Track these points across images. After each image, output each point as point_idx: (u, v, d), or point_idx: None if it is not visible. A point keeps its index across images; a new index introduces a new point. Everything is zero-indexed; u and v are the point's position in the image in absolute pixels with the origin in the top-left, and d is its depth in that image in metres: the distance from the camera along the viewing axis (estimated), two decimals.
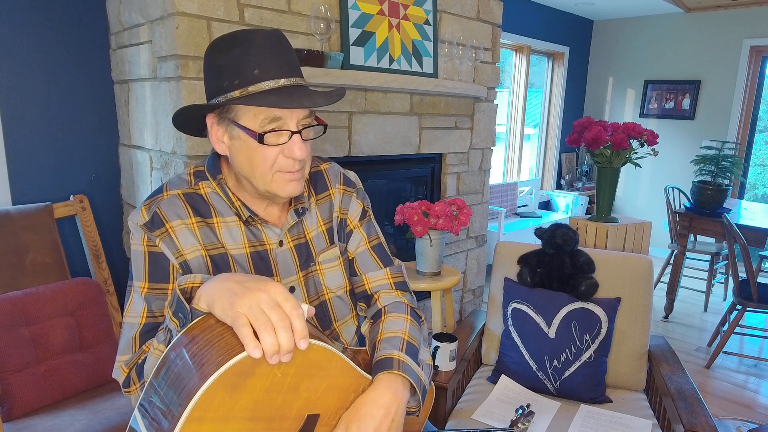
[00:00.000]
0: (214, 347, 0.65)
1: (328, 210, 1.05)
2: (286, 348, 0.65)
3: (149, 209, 0.89)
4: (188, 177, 0.95)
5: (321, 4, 1.96)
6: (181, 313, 0.72)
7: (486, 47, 2.77)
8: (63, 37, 1.96)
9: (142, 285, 0.88)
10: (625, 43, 5.29)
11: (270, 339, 0.64)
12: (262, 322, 0.64)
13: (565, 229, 1.78)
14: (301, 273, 1.00)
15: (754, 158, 4.93)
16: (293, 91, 0.84)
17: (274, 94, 0.83)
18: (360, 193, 1.10)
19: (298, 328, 0.66)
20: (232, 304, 0.66)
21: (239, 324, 0.65)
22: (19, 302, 1.63)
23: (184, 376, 0.64)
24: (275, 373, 0.67)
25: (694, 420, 1.37)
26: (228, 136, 0.88)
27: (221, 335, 0.67)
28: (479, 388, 1.72)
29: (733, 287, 2.96)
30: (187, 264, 0.89)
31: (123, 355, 0.88)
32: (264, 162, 0.86)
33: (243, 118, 0.84)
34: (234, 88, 0.83)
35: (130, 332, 0.88)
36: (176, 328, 0.73)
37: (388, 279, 1.08)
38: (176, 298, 0.73)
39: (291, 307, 0.67)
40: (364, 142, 2.29)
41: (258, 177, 0.88)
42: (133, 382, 0.85)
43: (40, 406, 1.59)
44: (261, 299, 0.66)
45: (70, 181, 2.05)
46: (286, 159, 0.87)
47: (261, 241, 0.96)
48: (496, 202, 4.49)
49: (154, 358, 0.79)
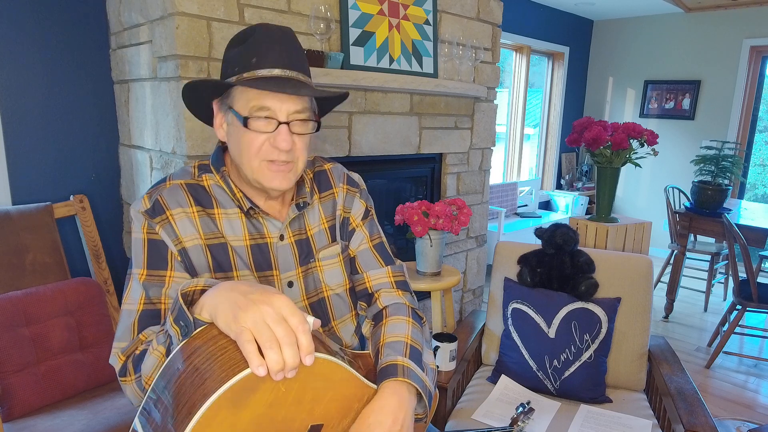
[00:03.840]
0: (217, 361, 0.64)
1: (331, 208, 1.06)
2: (291, 365, 0.63)
3: (151, 197, 0.91)
4: (192, 169, 0.97)
5: (321, 4, 1.96)
6: (182, 321, 0.71)
7: (486, 47, 2.77)
8: (63, 37, 1.96)
9: (141, 272, 0.89)
10: (625, 43, 5.29)
11: (275, 356, 0.62)
12: (267, 339, 0.62)
13: (565, 229, 1.78)
14: (300, 268, 1.00)
15: (754, 158, 4.93)
16: (285, 82, 0.87)
17: (264, 81, 0.86)
18: (363, 193, 1.12)
19: (304, 344, 0.64)
20: (236, 318, 0.64)
21: (243, 340, 0.63)
22: (19, 302, 1.63)
23: (187, 389, 0.63)
24: (279, 387, 0.65)
25: (694, 420, 1.37)
26: (226, 122, 0.93)
27: (224, 348, 0.65)
28: (479, 388, 1.72)
29: (733, 287, 2.96)
30: (186, 252, 0.90)
31: (120, 342, 0.88)
32: (249, 147, 0.88)
33: (237, 103, 0.88)
34: (233, 74, 0.89)
35: (128, 319, 0.88)
36: (177, 336, 0.72)
37: (389, 278, 1.08)
38: (178, 305, 0.71)
39: (297, 322, 0.65)
40: (364, 142, 2.29)
41: (245, 163, 0.90)
42: (129, 373, 0.84)
43: (40, 406, 1.59)
44: (266, 313, 0.64)
45: (70, 181, 2.05)
46: (271, 148, 0.88)
47: (262, 234, 0.96)
48: (496, 202, 4.49)
49: (154, 358, 0.79)
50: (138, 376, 0.83)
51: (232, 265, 0.93)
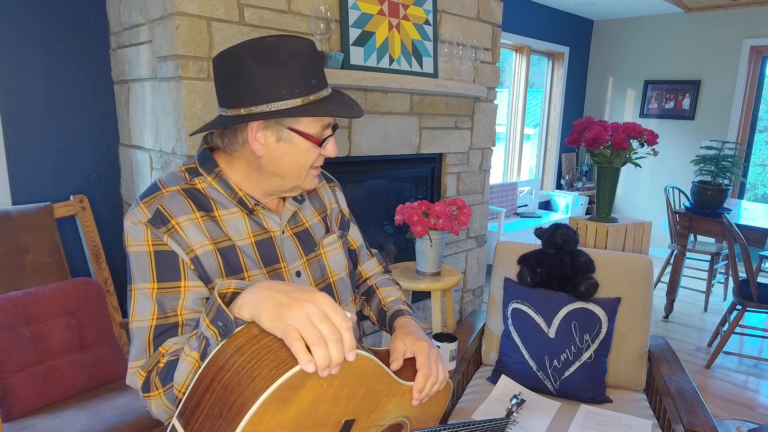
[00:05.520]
0: (264, 360, 0.65)
1: (319, 203, 1.13)
2: (336, 361, 0.65)
3: (149, 206, 0.87)
4: (182, 174, 0.94)
5: (321, 4, 1.96)
6: (221, 321, 0.71)
7: (486, 47, 2.77)
8: (63, 37, 1.96)
9: (150, 286, 0.86)
10: (625, 43, 5.29)
11: (322, 353, 0.64)
12: (314, 336, 0.65)
13: (565, 229, 1.78)
14: (305, 258, 1.03)
15: (754, 158, 4.93)
16: (340, 98, 0.93)
17: (331, 103, 0.90)
18: (339, 186, 1.22)
19: (347, 341, 0.67)
20: (281, 316, 0.66)
21: (291, 338, 0.65)
22: (19, 302, 1.63)
23: (234, 388, 0.64)
24: (322, 384, 0.68)
25: (694, 420, 1.37)
26: (275, 139, 0.89)
27: (268, 347, 0.66)
28: (479, 388, 1.72)
29: (733, 287, 2.96)
30: (197, 259, 0.88)
31: (137, 361, 0.85)
32: (308, 162, 0.93)
33: (300, 124, 0.89)
34: (294, 96, 0.86)
35: (141, 337, 0.85)
36: (215, 337, 0.71)
37: (379, 267, 1.25)
38: (216, 305, 0.71)
39: (340, 319, 0.67)
40: (364, 142, 2.29)
41: (295, 176, 0.93)
42: (155, 387, 0.82)
43: (40, 406, 1.59)
44: (310, 311, 0.66)
45: (70, 181, 2.05)
46: (322, 157, 0.95)
47: (264, 229, 0.97)
48: (496, 202, 4.49)
49: (187, 365, 0.77)
50: (168, 387, 0.81)
51: (243, 266, 0.92)
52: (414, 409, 0.92)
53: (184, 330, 0.86)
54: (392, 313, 1.10)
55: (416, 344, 0.94)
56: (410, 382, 0.89)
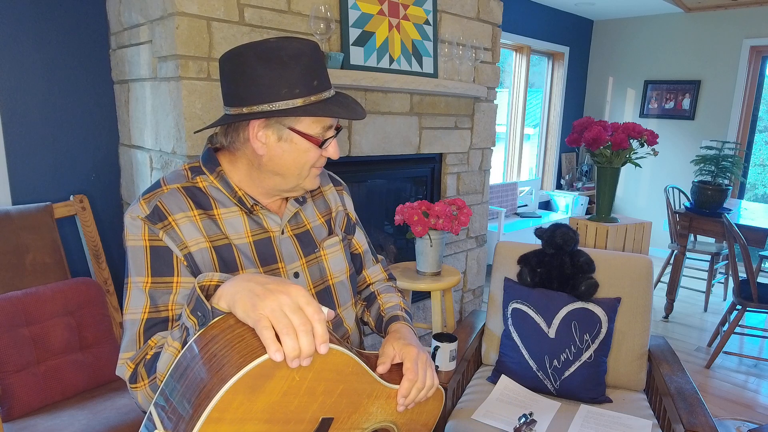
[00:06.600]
0: (234, 348, 0.65)
1: (324, 205, 1.12)
2: (306, 352, 0.66)
3: (149, 202, 0.89)
4: (185, 172, 0.96)
5: (321, 4, 1.96)
6: (200, 311, 0.73)
7: (486, 47, 2.77)
8: (63, 37, 1.96)
9: (144, 280, 0.88)
10: (625, 43, 5.29)
11: (292, 343, 0.65)
12: (284, 326, 0.65)
13: (565, 229, 1.78)
14: (304, 259, 1.03)
15: (754, 158, 4.93)
16: (342, 100, 0.93)
17: (334, 104, 0.90)
18: (347, 189, 1.22)
19: (320, 333, 0.67)
20: (255, 306, 0.67)
21: (261, 326, 0.65)
22: (19, 302, 1.63)
23: (204, 376, 0.64)
24: (293, 376, 0.67)
25: (694, 420, 1.37)
26: (276, 138, 0.90)
27: (241, 336, 0.67)
28: (479, 388, 1.72)
29: (733, 287, 2.96)
30: (191, 256, 0.89)
31: (127, 353, 0.87)
32: (308, 162, 0.93)
33: (301, 124, 0.90)
34: (295, 96, 0.87)
35: (132, 329, 0.87)
36: (194, 327, 0.73)
37: (384, 273, 1.24)
38: (195, 295, 0.73)
39: (313, 311, 0.68)
40: (364, 142, 2.29)
41: (295, 175, 0.94)
42: (141, 378, 0.84)
43: (40, 406, 1.59)
44: (283, 302, 0.67)
45: (70, 181, 2.05)
46: (323, 158, 0.96)
47: (263, 228, 0.98)
48: (496, 202, 4.49)
49: (169, 354, 0.79)
50: (152, 378, 0.82)
51: (238, 265, 0.93)
52: (402, 415, 0.91)
53: (174, 324, 0.87)
54: (388, 318, 1.10)
55: (405, 349, 0.93)
56: (395, 386, 0.87)
